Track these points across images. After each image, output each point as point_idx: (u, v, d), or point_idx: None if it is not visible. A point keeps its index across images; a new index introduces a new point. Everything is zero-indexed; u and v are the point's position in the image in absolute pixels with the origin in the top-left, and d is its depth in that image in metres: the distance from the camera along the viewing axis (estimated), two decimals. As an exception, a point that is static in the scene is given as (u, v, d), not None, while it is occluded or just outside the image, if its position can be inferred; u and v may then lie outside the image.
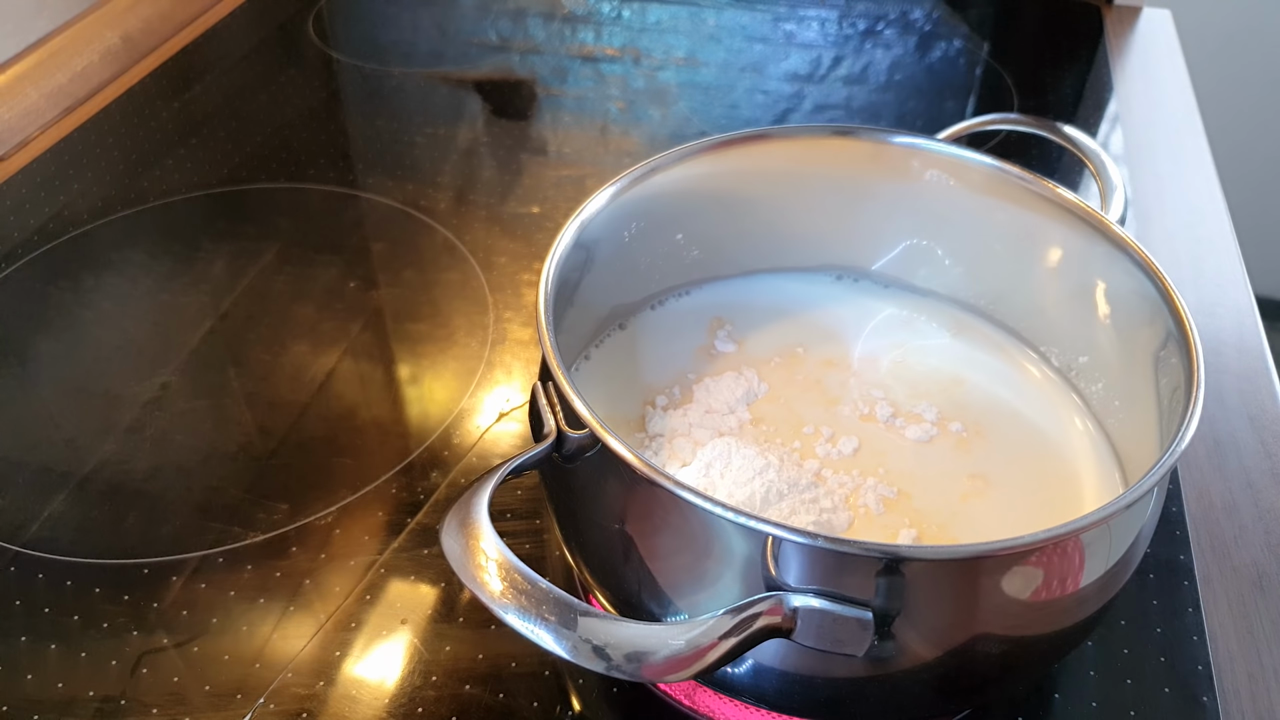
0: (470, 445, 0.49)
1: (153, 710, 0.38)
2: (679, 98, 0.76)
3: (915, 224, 0.46)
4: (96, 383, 0.52)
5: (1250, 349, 0.54)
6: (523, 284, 0.58)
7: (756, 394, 0.42)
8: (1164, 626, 0.41)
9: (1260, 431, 0.49)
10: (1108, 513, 0.29)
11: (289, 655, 0.40)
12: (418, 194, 0.65)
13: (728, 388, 0.41)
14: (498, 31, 0.85)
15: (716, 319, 0.45)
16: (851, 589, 0.28)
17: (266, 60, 0.80)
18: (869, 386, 0.43)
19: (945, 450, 0.40)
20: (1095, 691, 0.39)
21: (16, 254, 0.60)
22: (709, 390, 0.42)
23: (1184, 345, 0.34)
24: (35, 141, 0.70)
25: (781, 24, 0.85)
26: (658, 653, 0.27)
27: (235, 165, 0.68)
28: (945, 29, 0.85)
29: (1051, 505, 0.38)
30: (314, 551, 0.44)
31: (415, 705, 0.38)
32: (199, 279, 0.59)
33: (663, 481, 0.29)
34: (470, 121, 0.73)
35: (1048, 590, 0.30)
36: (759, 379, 0.42)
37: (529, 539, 0.45)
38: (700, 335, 0.45)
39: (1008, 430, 0.41)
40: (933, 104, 0.76)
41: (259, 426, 0.50)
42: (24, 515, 0.46)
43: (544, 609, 0.27)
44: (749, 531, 0.28)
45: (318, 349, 0.54)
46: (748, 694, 0.34)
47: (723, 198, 0.45)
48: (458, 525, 0.29)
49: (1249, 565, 0.44)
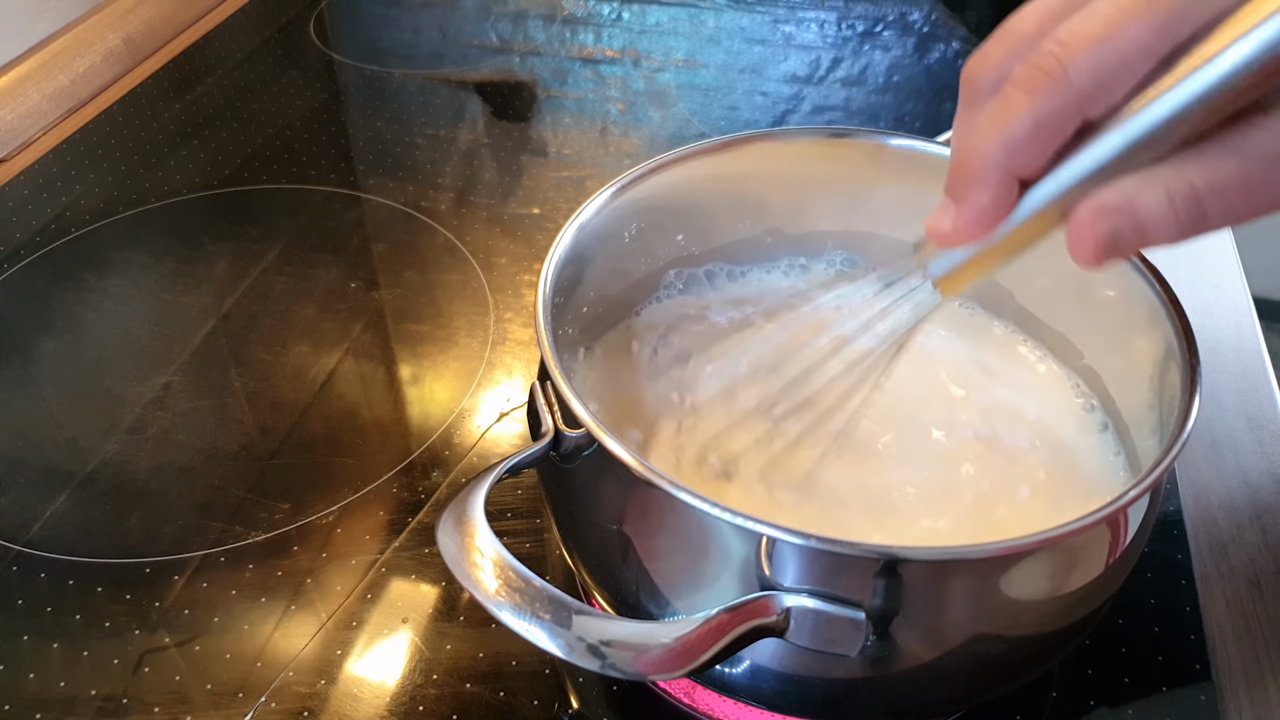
0: (471, 445, 0.49)
1: (155, 709, 0.39)
2: (679, 99, 0.76)
3: (914, 226, 0.46)
4: (99, 382, 0.53)
5: (1248, 349, 0.54)
6: (523, 284, 0.58)
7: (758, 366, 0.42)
8: (1161, 625, 0.41)
9: (1258, 431, 0.49)
10: (1105, 513, 0.29)
11: (290, 654, 0.40)
12: (419, 195, 0.65)
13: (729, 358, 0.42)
14: (498, 33, 0.85)
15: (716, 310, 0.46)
16: (844, 589, 0.28)
17: (268, 62, 0.81)
18: (868, 384, 0.43)
19: (944, 447, 0.40)
20: (1093, 690, 0.39)
21: (19, 254, 0.60)
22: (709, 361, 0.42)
23: (1182, 346, 0.34)
24: (38, 142, 0.70)
25: (780, 26, 0.85)
26: (650, 651, 0.27)
27: (237, 166, 0.68)
28: (944, 31, 0.85)
29: (1052, 503, 0.38)
30: (315, 551, 0.44)
31: (416, 703, 0.39)
32: (201, 279, 0.59)
33: (659, 482, 0.29)
34: (471, 123, 0.74)
35: (1046, 590, 0.31)
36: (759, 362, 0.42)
37: (529, 538, 0.45)
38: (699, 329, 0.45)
39: (1007, 428, 0.41)
40: (931, 106, 0.76)
41: (260, 426, 0.50)
42: (26, 514, 0.46)
43: (538, 607, 0.27)
44: (743, 532, 0.28)
45: (319, 349, 0.54)
46: (744, 693, 0.35)
47: (722, 199, 0.45)
48: (454, 523, 0.29)
49: (1246, 564, 0.44)
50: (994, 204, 0.27)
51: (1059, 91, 0.25)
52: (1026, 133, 0.25)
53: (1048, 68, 0.25)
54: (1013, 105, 0.25)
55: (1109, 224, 0.25)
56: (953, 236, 0.28)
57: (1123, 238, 0.25)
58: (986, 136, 0.26)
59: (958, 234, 0.28)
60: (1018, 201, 0.27)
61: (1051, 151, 0.26)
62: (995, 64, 0.27)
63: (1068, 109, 0.25)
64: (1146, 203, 0.25)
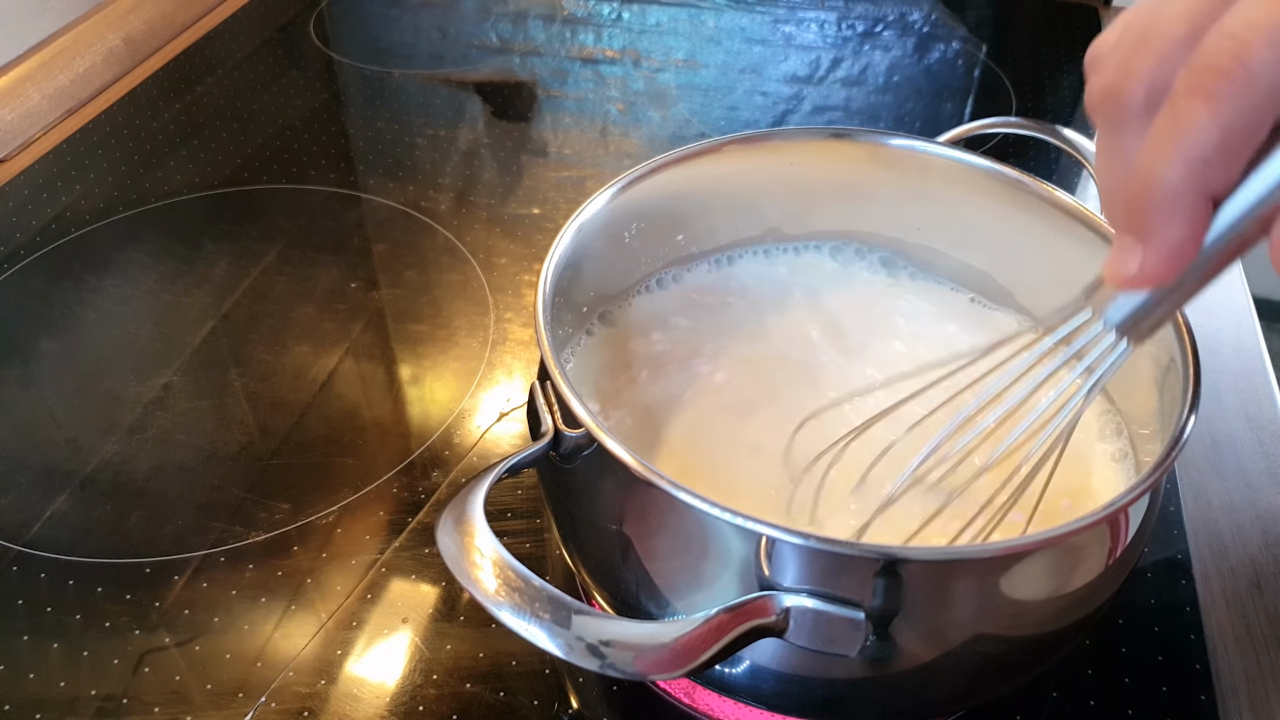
0: (471, 445, 0.49)
1: (155, 709, 0.39)
2: (678, 99, 0.76)
3: (913, 226, 0.46)
4: (99, 383, 0.53)
5: (1247, 349, 0.54)
6: (523, 284, 0.58)
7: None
8: (1161, 625, 0.41)
9: (1258, 431, 0.49)
10: (1105, 513, 0.29)
11: (290, 654, 0.40)
12: (419, 195, 0.65)
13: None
14: (498, 34, 0.85)
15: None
16: (843, 589, 0.28)
17: (268, 62, 0.81)
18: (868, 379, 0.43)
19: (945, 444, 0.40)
20: (1093, 690, 0.39)
21: (19, 254, 0.60)
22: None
23: (1182, 347, 0.34)
24: (38, 142, 0.70)
25: (780, 26, 0.85)
26: (650, 651, 0.27)
27: (237, 166, 0.68)
28: (943, 31, 0.85)
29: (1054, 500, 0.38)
30: (315, 551, 0.44)
31: (416, 703, 0.39)
32: (201, 279, 0.59)
33: (658, 481, 0.29)
34: (471, 123, 0.74)
35: (1046, 590, 0.31)
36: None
37: (530, 538, 0.45)
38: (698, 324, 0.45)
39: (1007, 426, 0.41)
40: (931, 106, 0.76)
41: (261, 426, 0.50)
42: (26, 514, 0.46)
43: (538, 607, 0.27)
44: (743, 531, 0.28)
45: (319, 349, 0.54)
46: (745, 694, 0.35)
47: (722, 199, 0.45)
48: (453, 523, 0.29)
49: (1246, 564, 0.44)
50: (1190, 233, 0.24)
51: (1245, 92, 0.21)
52: (1215, 146, 0.22)
53: (1225, 67, 0.21)
54: (1191, 117, 0.22)
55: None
56: (1147, 279, 0.25)
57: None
58: (1165, 159, 0.23)
59: (1154, 275, 0.24)
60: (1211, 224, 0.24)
61: (1245, 162, 0.23)
62: (1144, 75, 0.23)
63: (1258, 110, 0.22)
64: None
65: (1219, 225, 0.24)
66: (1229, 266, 0.25)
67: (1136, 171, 0.24)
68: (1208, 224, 0.24)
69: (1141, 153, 0.23)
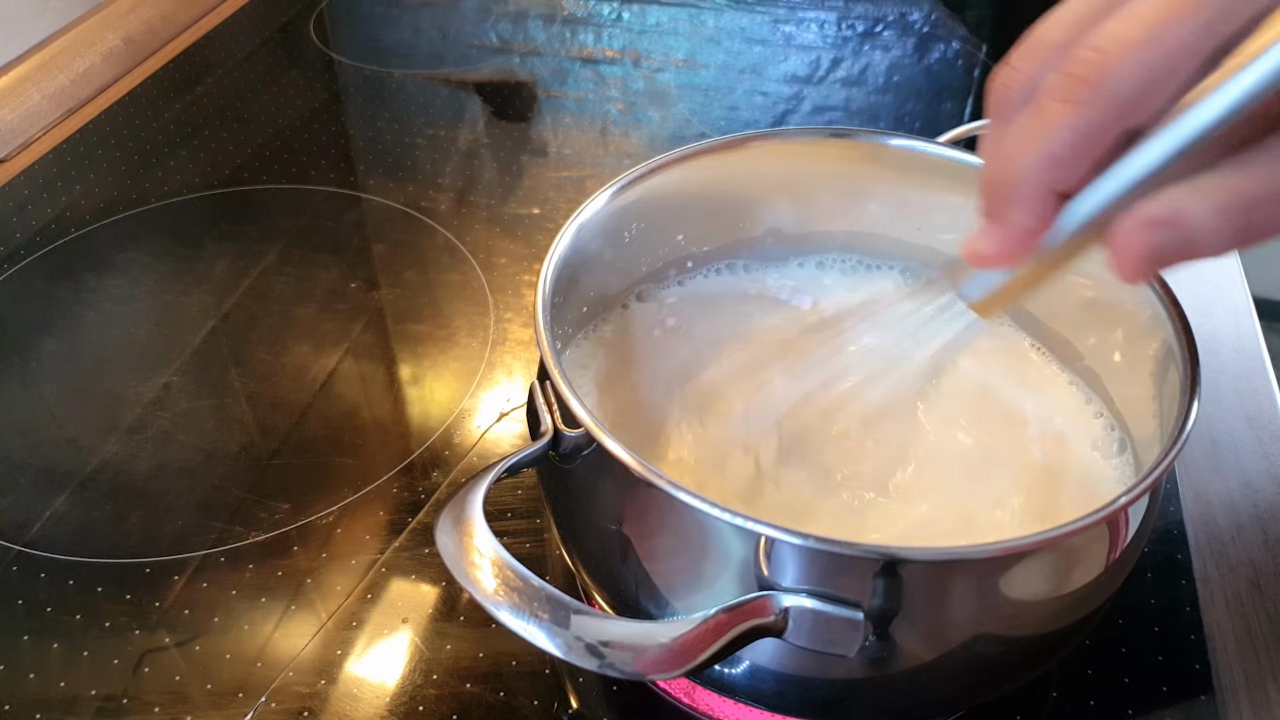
0: (471, 445, 0.49)
1: (155, 709, 0.39)
2: (679, 99, 0.76)
3: (913, 226, 0.46)
4: (99, 383, 0.53)
5: (1248, 349, 0.54)
6: (523, 285, 0.58)
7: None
8: (1161, 625, 0.41)
9: (1258, 431, 0.49)
10: (1105, 513, 0.29)
11: (290, 654, 0.40)
12: (419, 195, 0.65)
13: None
14: (498, 33, 0.85)
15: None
16: (842, 589, 0.28)
17: (268, 62, 0.81)
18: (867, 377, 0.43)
19: (943, 444, 0.40)
20: (1093, 690, 0.39)
21: (19, 255, 0.60)
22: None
23: (1182, 347, 0.34)
24: (38, 143, 0.70)
25: (780, 26, 0.85)
26: (649, 650, 0.27)
27: (237, 166, 0.68)
28: (943, 31, 0.85)
29: (1052, 503, 0.38)
30: (315, 551, 0.44)
31: (416, 703, 0.39)
32: (201, 279, 0.59)
33: (658, 481, 0.29)
34: (471, 123, 0.74)
35: (1046, 590, 0.31)
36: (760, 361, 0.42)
37: (529, 538, 0.45)
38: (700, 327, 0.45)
39: (1007, 426, 0.41)
40: (931, 106, 0.76)
41: (261, 426, 0.50)
42: (26, 514, 0.46)
43: (537, 606, 0.27)
44: (742, 531, 0.28)
45: (319, 349, 0.54)
46: (744, 694, 0.35)
47: (722, 199, 0.45)
48: (453, 523, 0.29)
49: (1246, 564, 0.44)
50: (1035, 222, 0.26)
51: (1099, 99, 0.23)
52: (1066, 145, 0.24)
53: (1086, 75, 0.23)
54: (1050, 116, 0.24)
55: (1154, 237, 0.24)
56: (993, 259, 0.27)
57: (1168, 251, 0.24)
58: (1023, 151, 0.25)
59: (999, 256, 0.27)
60: (1057, 218, 0.26)
61: (1092, 163, 0.25)
62: (1025, 75, 0.26)
63: (1109, 118, 0.24)
64: (1193, 214, 0.23)
65: (1064, 221, 0.26)
66: (1076, 259, 0.27)
67: (998, 161, 0.26)
68: (1053, 216, 0.26)
69: (1006, 142, 0.25)
